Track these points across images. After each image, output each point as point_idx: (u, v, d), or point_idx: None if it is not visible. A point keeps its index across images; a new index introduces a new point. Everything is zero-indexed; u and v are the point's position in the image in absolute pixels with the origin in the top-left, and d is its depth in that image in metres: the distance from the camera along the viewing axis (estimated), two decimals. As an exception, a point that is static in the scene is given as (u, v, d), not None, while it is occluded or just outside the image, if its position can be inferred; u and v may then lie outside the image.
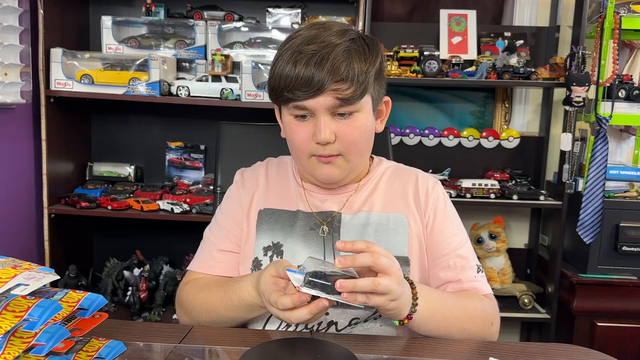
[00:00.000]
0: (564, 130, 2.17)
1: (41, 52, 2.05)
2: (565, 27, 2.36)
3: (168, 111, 2.42)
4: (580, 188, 2.17)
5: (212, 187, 2.24)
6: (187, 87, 2.14)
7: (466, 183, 2.21)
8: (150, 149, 2.48)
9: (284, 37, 1.01)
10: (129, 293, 2.14)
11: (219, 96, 2.15)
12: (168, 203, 2.14)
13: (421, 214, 1.07)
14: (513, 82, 2.19)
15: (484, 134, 2.45)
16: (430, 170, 2.35)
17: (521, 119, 2.51)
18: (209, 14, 2.29)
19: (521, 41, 2.40)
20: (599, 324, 2.10)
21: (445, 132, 2.45)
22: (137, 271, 2.19)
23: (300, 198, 1.10)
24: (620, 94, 2.08)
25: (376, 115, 1.06)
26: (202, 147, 2.48)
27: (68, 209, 2.15)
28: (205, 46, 2.25)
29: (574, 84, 2.05)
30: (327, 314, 0.99)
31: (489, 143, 2.45)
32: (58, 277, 0.76)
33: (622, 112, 2.09)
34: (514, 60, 2.31)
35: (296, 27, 2.22)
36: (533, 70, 2.17)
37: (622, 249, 2.09)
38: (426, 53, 2.17)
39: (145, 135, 2.48)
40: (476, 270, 1.05)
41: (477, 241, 2.35)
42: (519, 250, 2.55)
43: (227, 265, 1.09)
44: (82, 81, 2.12)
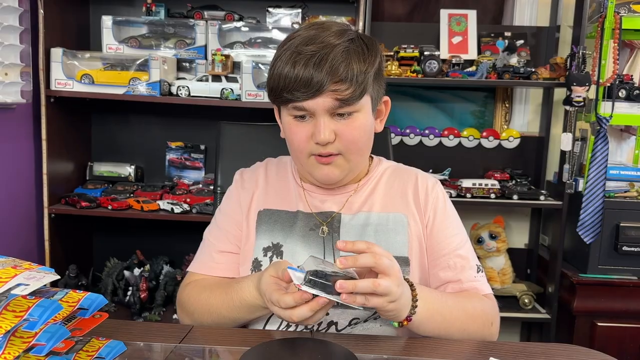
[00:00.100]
0: (564, 130, 2.17)
1: (41, 52, 2.06)
2: (565, 27, 2.36)
3: (168, 111, 2.42)
4: (580, 188, 2.17)
5: (212, 187, 2.24)
6: (188, 87, 2.14)
7: (466, 183, 2.21)
8: (150, 148, 2.48)
9: (284, 37, 1.01)
10: (129, 293, 2.14)
11: (219, 96, 2.15)
12: (168, 203, 2.15)
13: (421, 214, 1.07)
14: (513, 82, 2.19)
15: (484, 133, 2.45)
16: (431, 170, 2.35)
17: (521, 119, 2.51)
18: (210, 14, 2.29)
19: (521, 41, 2.40)
20: (599, 324, 2.10)
21: (446, 132, 2.45)
22: (137, 271, 2.19)
23: (299, 198, 1.10)
24: (620, 94, 2.08)
25: (376, 115, 1.06)
26: (202, 147, 2.48)
27: (68, 209, 2.15)
28: (205, 46, 2.25)
29: (575, 83, 2.05)
30: (327, 314, 0.99)
31: (489, 143, 2.45)
32: (58, 277, 0.76)
33: (623, 112, 2.09)
34: (514, 60, 2.31)
35: (296, 27, 2.22)
36: (533, 70, 2.17)
37: (623, 249, 2.09)
38: (426, 53, 2.17)
39: (145, 135, 2.48)
40: (476, 270, 1.05)
41: (478, 241, 2.35)
42: (519, 250, 2.55)
43: (227, 266, 1.09)
44: (83, 81, 2.12)
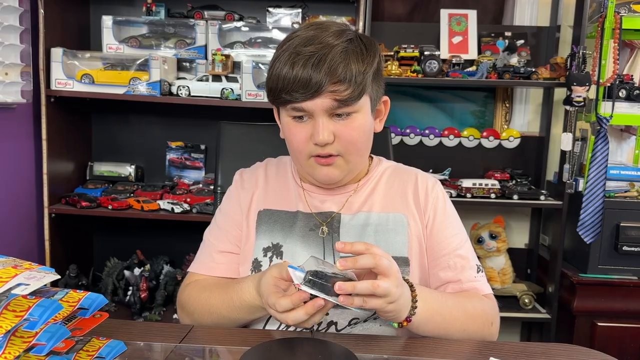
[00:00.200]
0: (564, 130, 2.17)
1: (42, 51, 2.06)
2: (565, 27, 2.36)
3: (168, 111, 2.42)
4: (580, 188, 2.17)
5: (212, 187, 2.24)
6: (188, 86, 2.14)
7: (466, 183, 2.21)
8: (150, 148, 2.48)
9: (284, 37, 1.01)
10: (129, 293, 2.14)
11: (219, 96, 2.15)
12: (168, 203, 2.15)
13: (421, 214, 1.07)
14: (513, 82, 2.19)
15: (485, 133, 2.44)
16: (431, 170, 2.35)
17: (522, 119, 2.51)
18: (210, 14, 2.29)
19: (522, 41, 2.40)
20: (600, 324, 2.10)
21: (446, 132, 2.45)
22: (137, 271, 2.19)
23: (299, 198, 1.10)
24: (620, 94, 2.08)
25: (375, 115, 1.06)
26: (202, 146, 2.48)
27: (68, 209, 2.15)
28: (205, 46, 2.25)
29: (575, 83, 2.05)
30: (327, 314, 0.99)
31: (489, 143, 2.45)
32: (58, 276, 0.76)
33: (623, 112, 2.09)
34: (514, 60, 2.31)
35: (296, 26, 2.22)
36: (533, 70, 2.17)
37: (623, 248, 2.09)
38: (426, 53, 2.17)
39: (145, 135, 2.48)
40: (476, 270, 1.05)
41: (478, 241, 2.35)
42: (520, 250, 2.55)
43: (227, 267, 1.09)
44: (83, 81, 2.12)
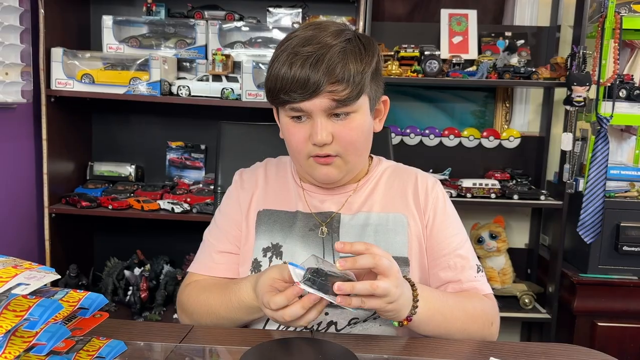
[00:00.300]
0: (564, 130, 2.17)
1: (42, 51, 2.06)
2: (566, 27, 2.36)
3: (169, 111, 2.42)
4: (580, 188, 2.17)
5: (212, 187, 2.24)
6: (188, 86, 2.14)
7: (467, 183, 2.21)
8: (150, 148, 2.48)
9: (284, 37, 1.01)
10: (129, 292, 2.14)
11: (219, 96, 2.15)
12: (168, 203, 2.15)
13: (421, 214, 1.07)
14: (514, 82, 2.19)
15: (485, 133, 2.44)
16: (431, 170, 2.35)
17: (522, 119, 2.51)
18: (210, 14, 2.29)
19: (522, 41, 2.40)
20: (600, 324, 2.10)
21: (446, 132, 2.45)
22: (137, 271, 2.19)
23: (299, 198, 1.10)
24: (621, 94, 2.08)
25: (374, 114, 1.05)
26: (202, 146, 2.48)
27: (69, 209, 2.15)
28: (205, 46, 2.25)
29: (575, 83, 2.05)
30: (326, 313, 0.99)
31: (489, 143, 2.45)
32: (59, 276, 0.76)
33: (623, 112, 2.09)
34: (514, 60, 2.31)
35: (297, 26, 2.22)
36: (534, 70, 2.17)
37: (623, 248, 2.09)
38: (427, 53, 2.17)
39: (145, 134, 2.48)
40: (476, 270, 1.05)
41: (478, 241, 2.35)
42: (520, 250, 2.55)
43: (227, 267, 1.09)
44: (83, 81, 2.12)
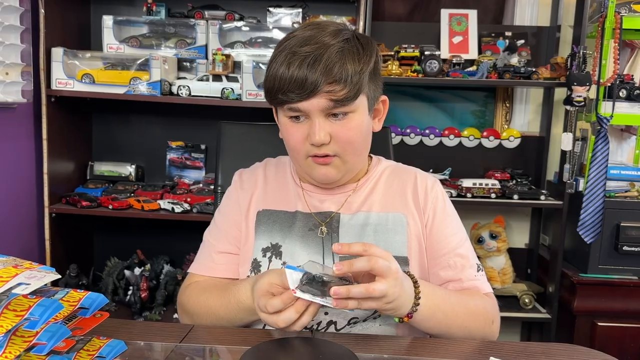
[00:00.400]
0: (564, 130, 2.17)
1: (42, 51, 2.06)
2: (566, 27, 2.36)
3: (169, 111, 2.42)
4: (581, 188, 2.17)
5: (212, 187, 2.24)
6: (188, 86, 2.14)
7: (467, 183, 2.21)
8: (151, 148, 2.48)
9: (283, 37, 1.01)
10: (129, 292, 2.14)
11: (219, 96, 2.15)
12: (169, 202, 2.15)
13: (420, 214, 1.07)
14: (514, 81, 2.19)
15: (485, 133, 2.44)
16: (431, 170, 2.35)
17: (522, 119, 2.51)
18: (210, 14, 2.29)
19: (522, 41, 2.40)
20: (600, 323, 2.10)
21: (446, 132, 2.45)
22: (137, 270, 2.19)
23: (298, 198, 1.10)
24: (621, 94, 2.08)
25: (373, 114, 1.05)
26: (202, 146, 2.48)
27: (69, 208, 2.15)
28: (206, 46, 2.25)
29: (575, 83, 2.05)
30: (326, 313, 0.99)
31: (489, 143, 2.45)
32: (59, 276, 0.76)
33: (623, 111, 2.09)
34: (514, 60, 2.31)
35: (297, 26, 2.22)
36: (534, 70, 2.17)
37: (623, 248, 2.09)
38: (427, 53, 2.17)
39: (146, 134, 2.48)
40: (476, 269, 1.05)
41: (478, 241, 2.35)
42: (520, 250, 2.55)
43: (227, 267, 1.09)
44: (83, 80, 2.12)
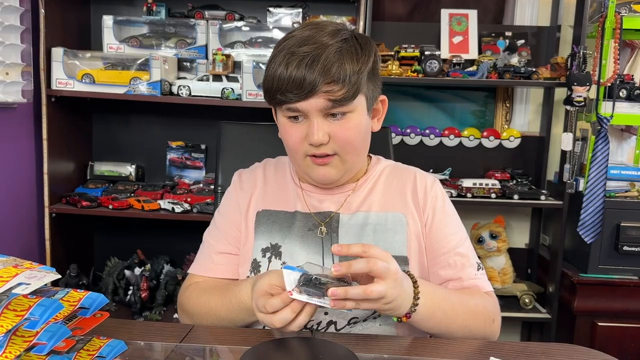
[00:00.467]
0: (564, 130, 2.17)
1: (42, 51, 2.06)
2: (566, 27, 2.36)
3: (169, 111, 2.42)
4: (581, 188, 2.17)
5: (213, 187, 2.24)
6: (188, 86, 2.14)
7: (467, 183, 2.21)
8: (151, 148, 2.48)
9: (282, 37, 1.01)
10: (129, 292, 2.14)
11: (220, 96, 2.15)
12: (169, 202, 2.15)
13: (420, 213, 1.07)
14: (514, 81, 2.19)
15: (485, 133, 2.44)
16: (431, 170, 2.35)
17: (522, 119, 2.51)
18: (210, 14, 2.29)
19: (522, 41, 2.40)
20: (600, 323, 2.10)
21: (446, 132, 2.45)
22: (138, 270, 2.19)
23: (298, 198, 1.10)
24: (621, 94, 2.08)
25: (372, 114, 1.05)
26: (203, 146, 2.48)
27: (69, 208, 2.15)
28: (206, 46, 2.25)
29: (575, 83, 2.05)
30: (326, 313, 0.99)
31: (489, 143, 2.45)
32: (59, 276, 0.76)
33: (623, 111, 2.09)
34: (515, 60, 2.31)
35: (297, 26, 2.23)
36: (534, 70, 2.17)
37: (623, 248, 2.09)
38: (427, 53, 2.17)
39: (146, 134, 2.48)
40: (476, 268, 1.05)
41: (478, 241, 2.35)
42: (520, 250, 2.55)
43: (227, 268, 1.09)
44: (83, 80, 2.12)
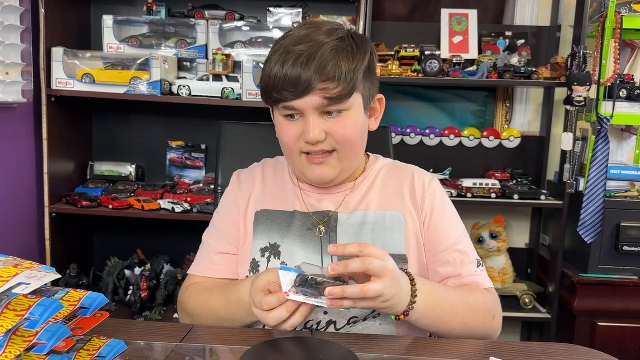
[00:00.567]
0: (565, 130, 2.17)
1: (42, 51, 2.06)
2: (566, 27, 2.36)
3: (169, 110, 2.42)
4: (581, 188, 2.17)
5: (213, 187, 2.24)
6: (188, 86, 2.14)
7: (467, 183, 2.21)
8: (151, 148, 2.48)
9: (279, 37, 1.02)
10: (130, 292, 2.14)
11: (220, 96, 2.15)
12: (169, 202, 2.15)
13: (418, 211, 1.07)
14: (514, 81, 2.19)
15: (485, 133, 2.44)
16: (432, 170, 2.33)
17: (522, 119, 2.51)
18: (210, 14, 2.29)
19: (522, 41, 2.40)
20: (600, 323, 2.10)
21: (446, 132, 2.45)
22: (138, 270, 2.19)
23: (296, 198, 1.10)
24: (621, 94, 2.08)
25: (369, 113, 1.06)
26: (203, 146, 2.48)
27: (69, 208, 2.15)
28: (206, 45, 2.25)
29: (575, 83, 2.05)
30: (325, 313, 0.99)
31: (490, 143, 2.45)
32: (59, 276, 0.76)
33: (623, 111, 2.09)
34: (515, 60, 2.31)
35: (296, 26, 2.23)
36: (534, 69, 2.17)
37: (623, 248, 2.09)
38: (427, 53, 2.17)
39: (146, 134, 2.48)
40: (476, 265, 1.04)
41: (478, 241, 2.35)
42: (520, 250, 2.55)
43: (227, 268, 1.09)
44: (84, 80, 2.12)
